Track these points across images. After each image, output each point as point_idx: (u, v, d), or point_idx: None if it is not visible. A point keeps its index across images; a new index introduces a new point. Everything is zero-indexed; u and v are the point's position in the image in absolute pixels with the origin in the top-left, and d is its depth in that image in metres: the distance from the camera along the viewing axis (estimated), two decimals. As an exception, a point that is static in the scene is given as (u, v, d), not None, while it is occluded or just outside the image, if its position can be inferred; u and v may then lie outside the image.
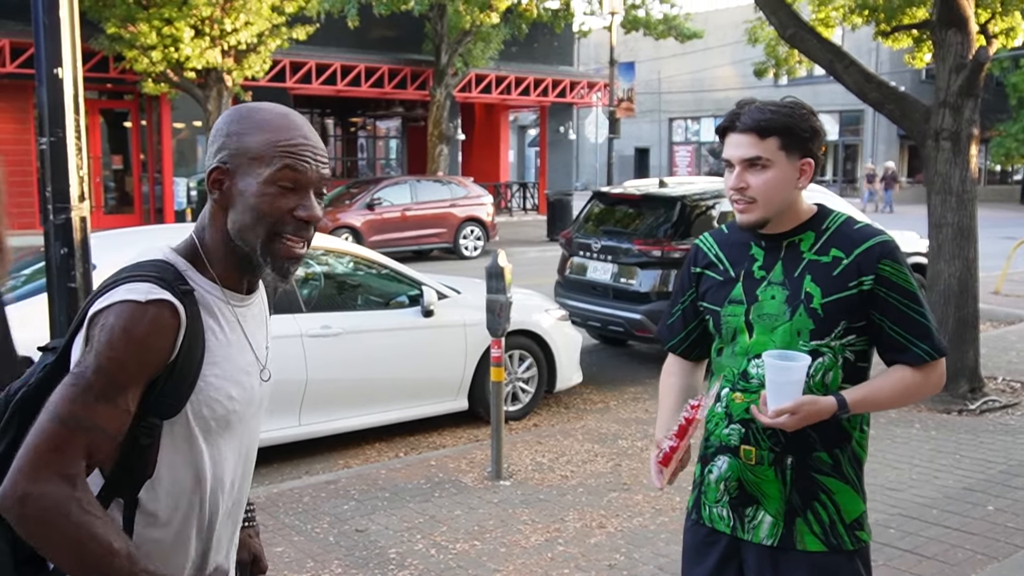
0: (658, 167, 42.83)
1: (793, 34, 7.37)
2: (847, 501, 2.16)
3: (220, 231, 1.57)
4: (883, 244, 2.12)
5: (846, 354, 2.13)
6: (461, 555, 4.33)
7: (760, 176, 2.11)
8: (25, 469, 1.39)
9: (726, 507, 2.22)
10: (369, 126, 27.61)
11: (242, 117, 1.57)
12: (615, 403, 7.42)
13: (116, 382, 1.43)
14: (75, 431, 1.40)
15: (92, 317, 1.46)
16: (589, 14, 25.65)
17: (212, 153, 1.56)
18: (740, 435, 2.17)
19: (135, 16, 15.59)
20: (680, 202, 8.19)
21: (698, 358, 2.43)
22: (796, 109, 2.13)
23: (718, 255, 2.29)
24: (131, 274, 1.49)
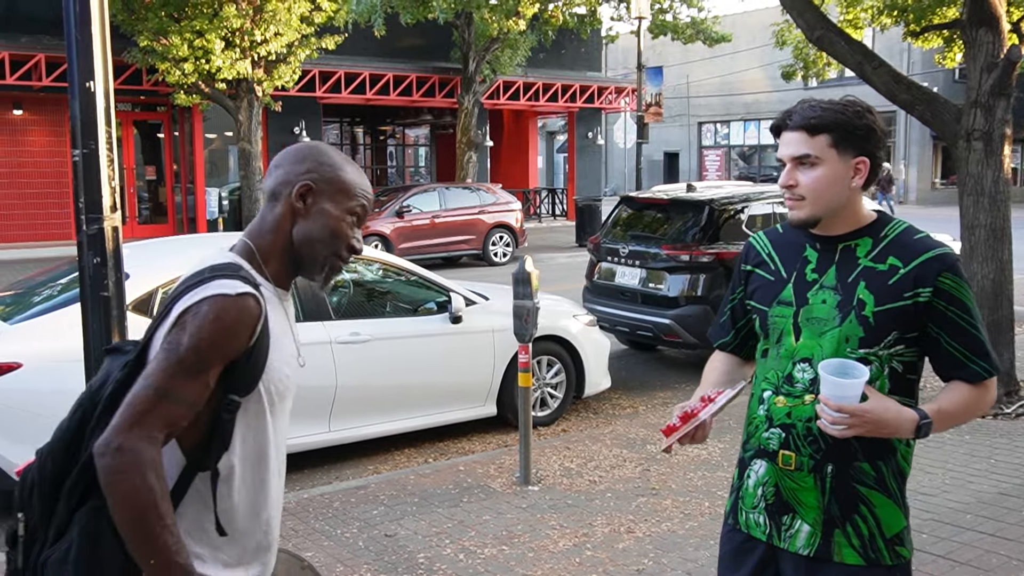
0: (687, 171, 42.65)
1: (821, 36, 7.32)
2: (888, 515, 2.10)
3: (284, 237, 1.84)
4: (944, 257, 2.06)
5: (893, 364, 2.07)
6: (489, 560, 4.34)
7: (809, 173, 2.08)
8: (121, 426, 1.62)
9: (763, 513, 2.17)
10: (398, 134, 27.76)
11: (333, 153, 1.89)
12: (644, 408, 7.40)
13: (204, 360, 1.67)
14: (163, 399, 1.64)
15: (185, 310, 1.69)
16: (616, 19, 25.58)
17: (299, 172, 1.84)
18: (780, 439, 2.12)
19: (167, 29, 15.84)
20: (708, 206, 8.17)
21: (748, 356, 2.38)
22: (850, 107, 2.09)
23: (771, 254, 2.25)
24: (216, 274, 1.73)
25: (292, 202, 1.83)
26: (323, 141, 20.89)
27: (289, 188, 1.83)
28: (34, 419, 5.02)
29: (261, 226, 1.86)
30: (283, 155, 1.89)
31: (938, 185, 37.36)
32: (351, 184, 1.87)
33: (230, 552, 1.80)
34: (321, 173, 1.85)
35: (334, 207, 1.85)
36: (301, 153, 1.87)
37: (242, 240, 1.86)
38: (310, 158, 1.86)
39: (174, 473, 1.74)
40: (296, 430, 5.78)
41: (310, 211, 1.83)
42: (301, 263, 1.86)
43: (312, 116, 22.61)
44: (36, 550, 1.75)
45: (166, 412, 1.64)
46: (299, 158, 1.86)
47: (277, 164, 1.88)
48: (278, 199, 1.85)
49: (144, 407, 1.63)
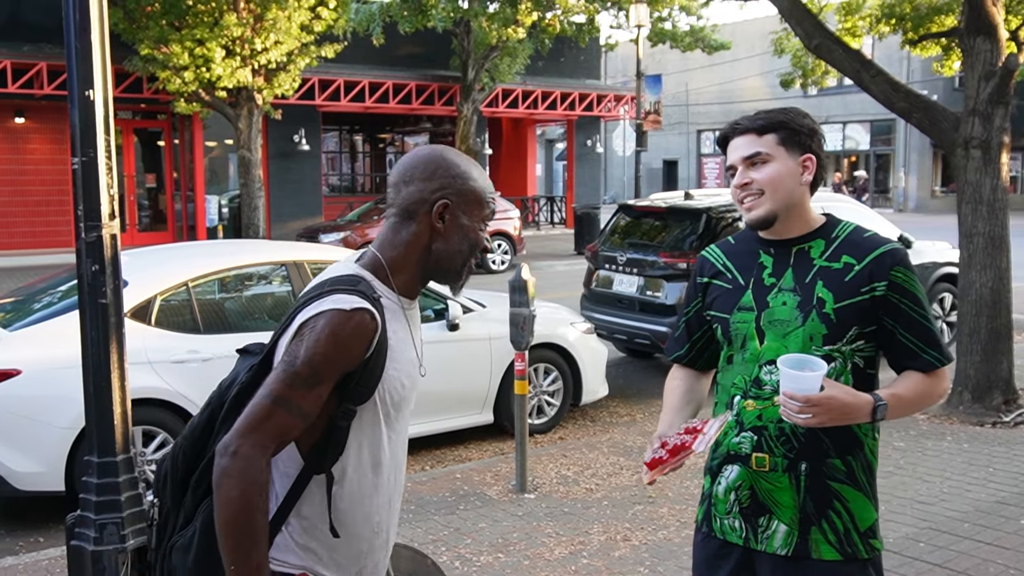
0: (687, 179, 42.69)
1: (819, 44, 7.34)
2: (861, 509, 2.15)
3: (419, 252, 1.89)
4: (895, 252, 2.15)
5: (855, 359, 2.14)
6: (485, 567, 4.34)
7: (763, 170, 2.17)
8: (240, 431, 1.72)
9: (737, 518, 2.20)
10: (397, 142, 27.78)
11: (459, 160, 1.91)
12: (641, 416, 7.40)
13: (318, 374, 1.74)
14: (279, 409, 1.73)
15: (303, 323, 1.77)
16: (616, 27, 25.63)
17: (433, 189, 1.87)
18: (752, 443, 2.16)
19: (168, 37, 15.88)
20: (706, 214, 8.18)
21: (703, 368, 2.43)
22: (791, 110, 2.22)
23: (725, 264, 2.30)
24: (335, 287, 1.80)
25: (431, 222, 1.87)
26: (321, 149, 20.85)
27: (426, 207, 1.87)
28: (33, 425, 5.03)
29: (393, 240, 1.89)
30: (410, 168, 1.90)
31: (938, 193, 37.38)
32: (482, 192, 1.92)
33: (342, 552, 1.88)
34: (454, 187, 1.88)
35: (470, 219, 1.91)
36: (429, 168, 1.89)
37: (371, 252, 1.90)
38: (440, 172, 1.88)
39: (293, 473, 1.83)
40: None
41: (449, 227, 1.89)
42: (438, 274, 1.94)
43: (312, 124, 22.65)
44: (167, 533, 1.91)
45: (281, 421, 1.73)
46: (429, 173, 1.88)
47: (406, 180, 1.89)
48: (413, 217, 1.88)
49: (261, 415, 1.73)
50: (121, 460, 3.17)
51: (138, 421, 4.90)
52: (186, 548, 1.84)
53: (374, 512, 1.91)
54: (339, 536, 1.86)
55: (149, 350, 5.28)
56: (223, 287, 6.16)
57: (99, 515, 3.09)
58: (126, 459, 3.19)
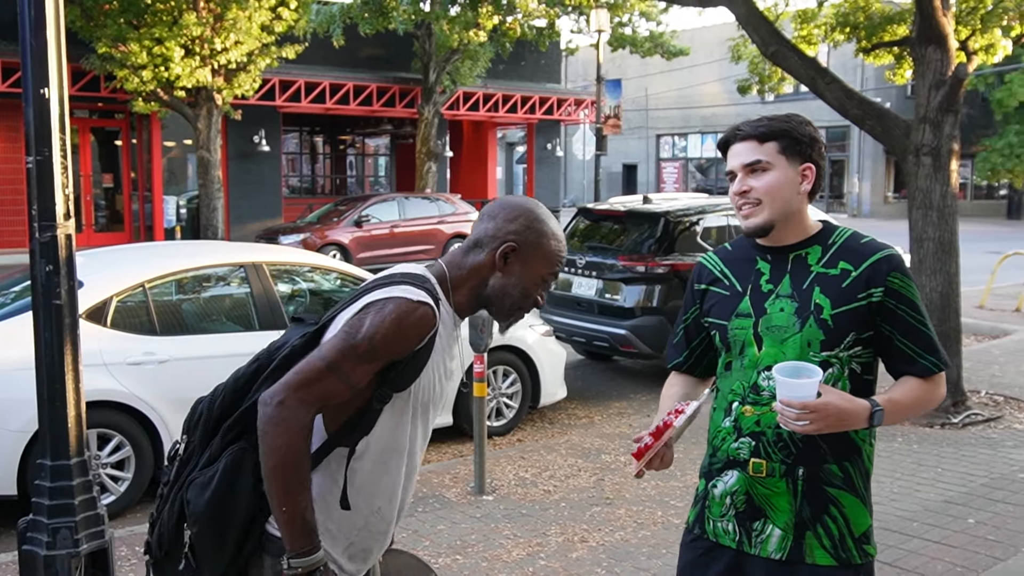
0: (646, 183, 42.98)
1: (775, 51, 7.46)
2: (856, 514, 2.16)
3: (477, 280, 2.02)
4: (891, 258, 2.16)
5: (853, 365, 2.15)
6: (443, 569, 4.35)
7: (762, 178, 2.17)
8: (289, 384, 1.83)
9: (732, 521, 2.21)
10: (358, 144, 27.66)
11: (547, 218, 2.05)
12: (599, 418, 7.46)
13: (375, 351, 1.86)
14: (330, 373, 1.84)
15: (371, 303, 1.88)
16: (576, 32, 25.83)
17: (509, 230, 2.00)
18: (750, 448, 2.16)
19: (126, 36, 15.65)
20: (664, 218, 8.26)
21: (702, 375, 2.43)
22: (794, 118, 2.22)
23: (723, 271, 2.31)
24: (405, 279, 1.93)
25: (495, 258, 2.00)
26: (281, 150, 20.64)
27: (497, 243, 2.00)
28: (-16, 428, 4.95)
29: (461, 262, 2.03)
30: (500, 208, 2.05)
31: (891, 199, 38.03)
32: (552, 253, 2.04)
33: (335, 522, 1.97)
34: (528, 237, 2.01)
35: (531, 271, 2.02)
36: (516, 211, 2.03)
37: (439, 263, 2.05)
38: (522, 218, 2.02)
39: (315, 444, 1.93)
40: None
41: (509, 269, 2.01)
42: (489, 306, 2.05)
43: (272, 125, 22.47)
44: (188, 469, 2.00)
45: (329, 385, 1.85)
46: (513, 215, 2.02)
47: (492, 215, 2.04)
48: (482, 248, 2.02)
49: (313, 375, 1.84)
50: (75, 463, 3.14)
51: (93, 424, 4.84)
52: (204, 485, 1.93)
53: (378, 494, 2.00)
54: (350, 508, 1.95)
55: (104, 352, 5.22)
56: (180, 288, 6.11)
57: (52, 519, 3.05)
58: (80, 462, 3.15)
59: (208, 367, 5.59)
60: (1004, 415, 7.07)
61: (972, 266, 9.81)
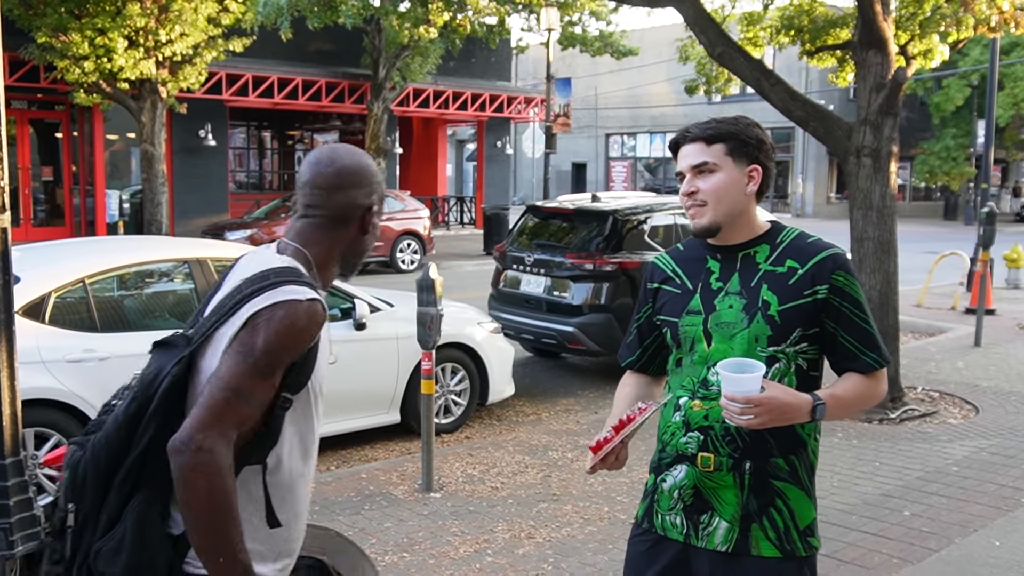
0: (595, 182, 43.24)
1: (722, 53, 7.56)
2: (801, 507, 2.20)
3: (342, 249, 1.98)
4: (835, 256, 2.22)
5: (799, 361, 2.20)
6: (390, 567, 4.35)
7: (708, 180, 2.22)
8: (200, 425, 1.69)
9: (680, 514, 2.24)
10: (306, 139, 27.38)
11: (372, 164, 2.02)
12: (547, 415, 7.49)
13: (276, 363, 1.77)
14: (239, 400, 1.73)
15: (256, 313, 1.77)
16: (526, 30, 25.80)
17: (364, 195, 1.97)
18: (698, 443, 2.20)
19: (67, 25, 15.28)
20: (612, 216, 8.32)
21: (655, 373, 2.46)
22: (742, 120, 2.28)
23: (675, 270, 2.35)
24: (283, 278, 1.82)
25: (364, 225, 1.99)
26: (228, 145, 20.34)
27: (360, 212, 1.97)
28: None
29: (321, 238, 1.96)
30: (340, 176, 1.96)
31: (833, 199, 38.75)
32: (382, 192, 2.06)
33: (268, 543, 1.87)
34: (379, 193, 2.02)
35: (379, 218, 2.05)
36: (360, 175, 1.98)
37: (293, 247, 1.94)
38: (367, 180, 1.99)
39: None
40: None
41: (371, 228, 2.02)
42: (345, 266, 2.03)
43: (218, 119, 22.15)
44: (87, 539, 1.82)
45: (240, 412, 1.74)
46: (359, 181, 1.98)
47: (339, 186, 1.95)
48: (347, 223, 1.97)
49: (221, 407, 1.71)
50: (10, 463, 3.06)
51: (30, 423, 4.74)
52: (116, 551, 1.77)
53: (299, 500, 1.94)
54: (280, 525, 1.86)
55: (42, 349, 5.11)
56: (122, 284, 6.00)
57: (-14, 519, 2.98)
58: (16, 462, 3.08)
59: (150, 364, 5.51)
60: (939, 410, 7.26)
61: (910, 266, 10.04)
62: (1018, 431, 6.66)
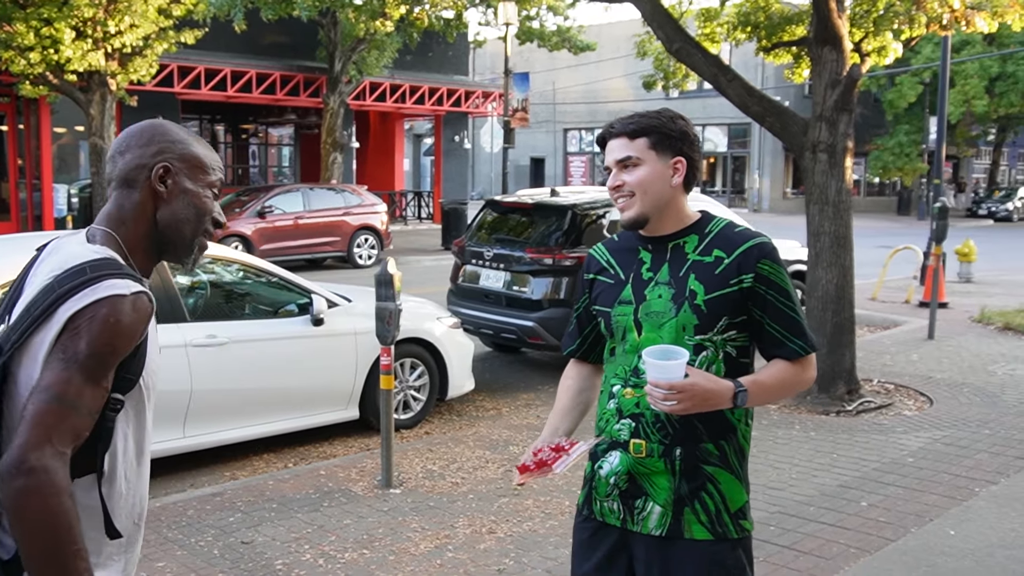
0: (553, 177, 43.32)
1: (679, 48, 7.58)
2: (732, 491, 2.25)
3: (147, 223, 1.80)
4: (761, 246, 2.25)
5: (727, 348, 2.24)
6: (350, 564, 4.29)
7: (633, 173, 2.26)
8: (31, 444, 1.54)
9: (616, 500, 2.27)
10: (261, 133, 27.08)
11: (179, 129, 1.86)
12: (507, 410, 7.46)
13: (105, 365, 1.62)
14: (69, 410, 1.58)
15: (77, 313, 1.60)
16: (484, 24, 25.79)
17: (152, 153, 1.79)
18: (631, 430, 2.23)
19: (11, 15, 14.88)
20: (571, 211, 8.31)
21: (596, 361, 2.49)
22: (665, 113, 2.30)
23: (609, 261, 2.39)
24: (101, 272, 1.65)
25: (153, 186, 1.78)
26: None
27: (146, 172, 1.78)
28: None
29: (120, 215, 1.78)
30: (126, 139, 1.82)
31: (789, 195, 39.23)
32: (205, 158, 1.85)
33: (107, 552, 1.75)
34: (175, 152, 1.81)
35: (194, 184, 1.83)
36: (146, 135, 1.82)
37: (102, 231, 1.77)
38: (157, 138, 1.81)
39: None
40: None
41: (172, 193, 1.80)
42: (167, 248, 1.83)
43: (170, 112, 21.74)
44: None
45: (73, 424, 1.58)
46: (146, 140, 1.81)
47: (122, 149, 1.81)
48: (134, 185, 1.78)
49: (52, 421, 1.55)
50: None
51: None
52: None
53: (138, 503, 1.81)
54: (121, 536, 1.73)
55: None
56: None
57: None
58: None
59: (102, 361, 5.39)
60: (895, 402, 7.36)
61: (865, 260, 10.16)
62: (971, 422, 6.77)
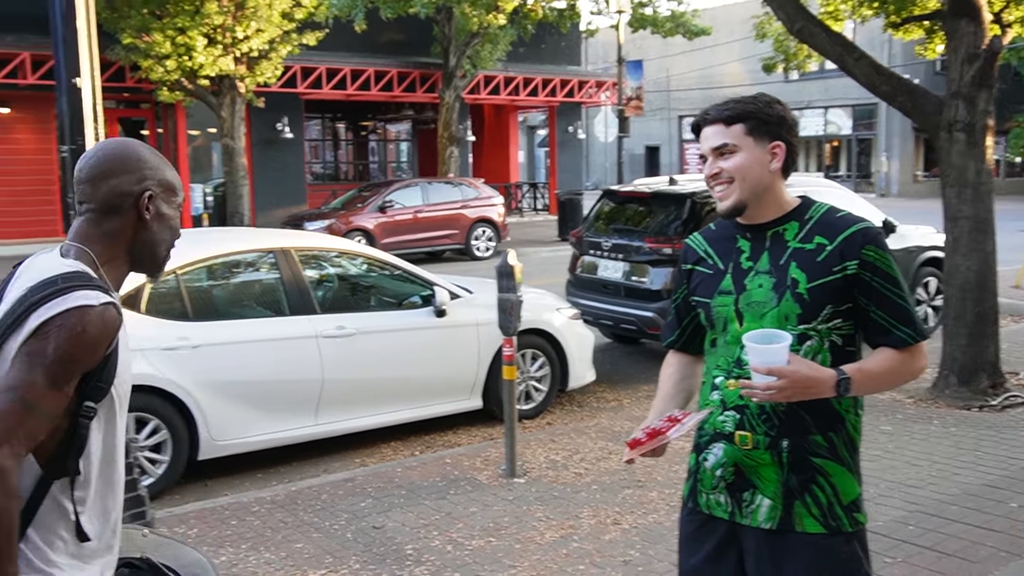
0: (668, 165, 42.76)
1: (801, 28, 7.35)
2: (844, 483, 2.20)
3: (125, 244, 1.88)
4: (866, 231, 2.19)
5: (833, 338, 2.18)
6: (477, 551, 4.36)
7: (730, 160, 2.22)
8: None
9: (723, 493, 2.25)
10: (379, 129, 27.68)
11: (150, 152, 1.93)
12: (628, 401, 7.43)
13: (68, 372, 1.69)
14: (28, 413, 1.64)
15: (46, 322, 1.68)
16: (596, 13, 25.65)
17: (134, 180, 1.86)
18: (735, 421, 2.20)
19: (150, 26, 15.74)
20: (690, 199, 8.19)
21: (696, 352, 2.47)
22: (760, 98, 2.27)
23: (707, 250, 2.36)
24: (72, 284, 1.72)
25: (140, 212, 1.87)
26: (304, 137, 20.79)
27: (131, 199, 1.86)
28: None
29: (99, 235, 1.86)
30: (105, 164, 1.87)
31: (920, 178, 37.59)
32: (175, 181, 1.96)
33: (83, 556, 1.80)
34: (155, 178, 1.90)
35: (169, 207, 1.93)
36: (127, 161, 1.89)
37: (76, 247, 1.84)
38: (139, 165, 1.89)
39: (30, 484, 1.73)
40: (284, 423, 5.79)
41: (153, 218, 1.89)
42: (142, 264, 1.93)
43: (294, 112, 22.52)
44: None
45: (30, 426, 1.64)
46: (129, 166, 1.88)
47: (103, 175, 1.86)
48: (118, 211, 1.86)
49: (11, 422, 1.62)
50: (114, 448, 3.16)
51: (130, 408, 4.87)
52: None
53: (112, 509, 1.86)
54: (90, 539, 1.78)
55: (139, 338, 5.24)
56: (211, 275, 6.14)
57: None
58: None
59: (240, 352, 5.65)
60: (1042, 396, 6.95)
61: (1006, 245, 9.58)
62: (1125, 414, 6.36)
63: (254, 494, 5.25)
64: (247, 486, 5.64)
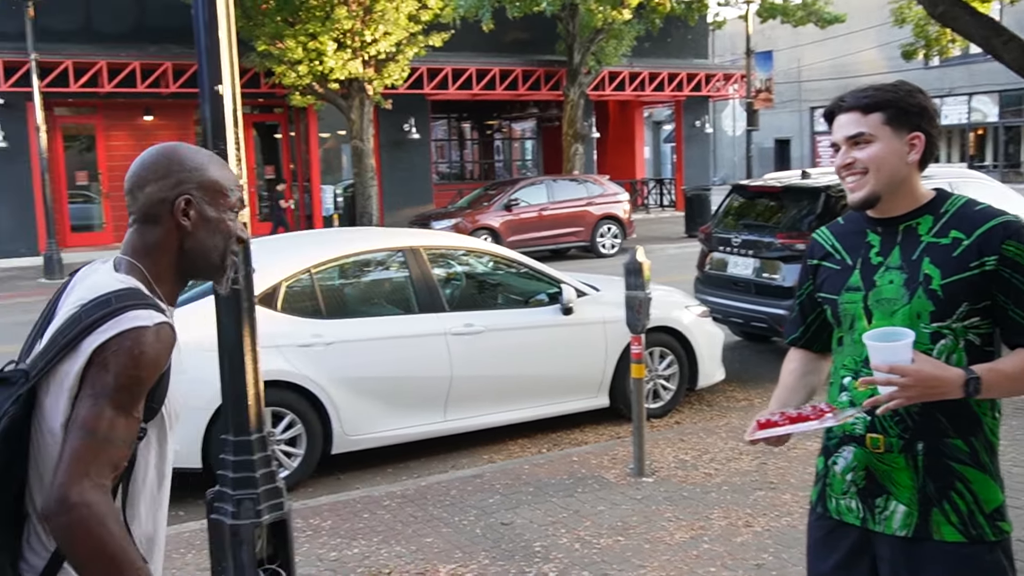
0: (800, 158, 41.51)
1: (944, 12, 7.03)
2: (986, 490, 2.08)
3: (173, 255, 1.79)
4: (1007, 225, 2.06)
5: (969, 336, 2.06)
6: (605, 550, 4.34)
7: (865, 150, 2.11)
8: (68, 481, 1.56)
9: (855, 498, 2.16)
10: (504, 128, 27.90)
11: (192, 153, 1.82)
12: (759, 401, 7.26)
13: (134, 397, 1.64)
14: (104, 444, 1.60)
15: (102, 346, 1.62)
16: (723, 4, 25.09)
17: (169, 186, 1.76)
18: (865, 423, 2.11)
19: (283, 33, 16.36)
20: (824, 193, 7.93)
21: (820, 350, 2.39)
22: (901, 87, 2.14)
23: (834, 245, 2.27)
24: (125, 303, 1.67)
25: (177, 220, 1.77)
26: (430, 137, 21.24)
27: (168, 206, 1.77)
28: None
29: (145, 247, 1.79)
30: (141, 171, 1.80)
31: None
32: (223, 180, 1.83)
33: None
34: (193, 181, 1.79)
35: (216, 211, 1.80)
36: (162, 166, 1.79)
37: (127, 261, 1.78)
38: (175, 169, 1.79)
39: None
40: (413, 419, 5.91)
41: (196, 224, 1.79)
42: (198, 274, 1.84)
43: (420, 113, 22.96)
44: None
45: (111, 455, 1.61)
46: (163, 172, 1.79)
47: (140, 184, 1.78)
48: (157, 221, 1.77)
49: (88, 457, 1.59)
50: (255, 439, 3.30)
51: (267, 403, 5.07)
52: None
53: (157, 530, 1.81)
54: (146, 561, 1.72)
55: (275, 334, 5.45)
56: (343, 273, 6.33)
57: (236, 491, 3.22)
58: (260, 438, 3.31)
59: (372, 349, 5.80)
60: None
61: None
62: None
63: (385, 488, 5.38)
64: (378, 480, 5.79)
